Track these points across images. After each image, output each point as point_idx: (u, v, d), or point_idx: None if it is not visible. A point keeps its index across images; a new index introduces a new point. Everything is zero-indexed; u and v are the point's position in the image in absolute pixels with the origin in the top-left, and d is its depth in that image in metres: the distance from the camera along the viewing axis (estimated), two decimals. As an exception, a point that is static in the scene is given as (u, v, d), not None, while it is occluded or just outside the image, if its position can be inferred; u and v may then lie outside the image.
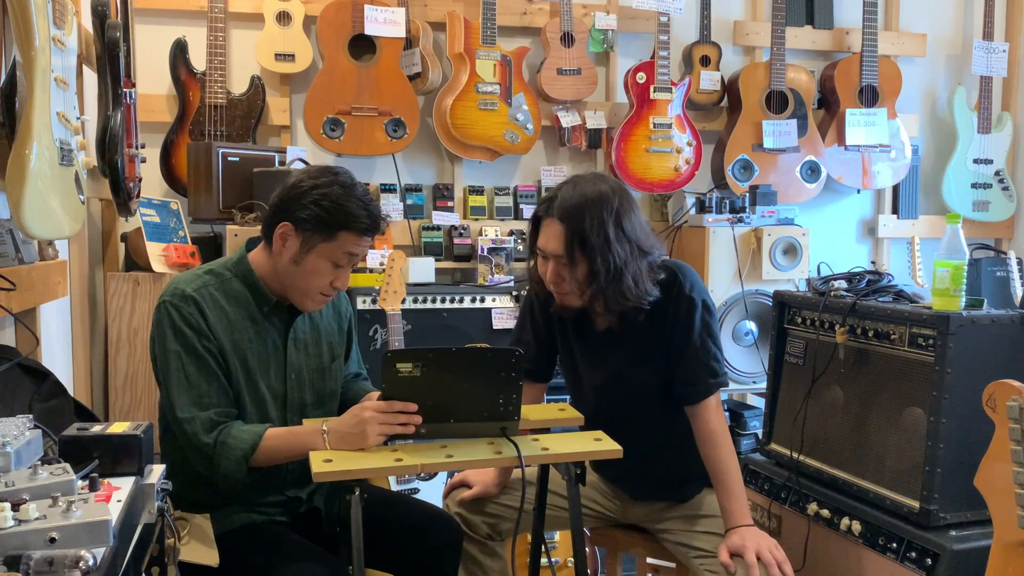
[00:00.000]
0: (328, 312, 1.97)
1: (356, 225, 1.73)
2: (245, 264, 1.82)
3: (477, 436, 1.73)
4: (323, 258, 1.74)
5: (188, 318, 1.70)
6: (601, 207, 1.77)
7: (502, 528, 2.08)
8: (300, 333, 1.87)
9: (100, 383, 2.82)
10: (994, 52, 3.76)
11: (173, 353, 1.70)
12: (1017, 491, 1.37)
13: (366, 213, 1.73)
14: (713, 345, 1.90)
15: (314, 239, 1.73)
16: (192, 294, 1.72)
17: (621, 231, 1.78)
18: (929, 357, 1.86)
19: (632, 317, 1.87)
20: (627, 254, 1.78)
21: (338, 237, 1.73)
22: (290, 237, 1.74)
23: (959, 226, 1.88)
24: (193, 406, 1.69)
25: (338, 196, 1.71)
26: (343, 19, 3.14)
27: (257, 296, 1.80)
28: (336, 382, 1.96)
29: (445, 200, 3.40)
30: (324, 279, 1.77)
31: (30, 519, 0.98)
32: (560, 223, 1.78)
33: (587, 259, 1.77)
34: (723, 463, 1.85)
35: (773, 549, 1.76)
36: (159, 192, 3.10)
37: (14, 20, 1.59)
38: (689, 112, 3.47)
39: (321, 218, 1.71)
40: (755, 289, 3.18)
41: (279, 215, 1.75)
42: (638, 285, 1.80)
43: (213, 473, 1.69)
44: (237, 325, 1.77)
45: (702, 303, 1.89)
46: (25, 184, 1.58)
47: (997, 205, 3.84)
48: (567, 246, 1.77)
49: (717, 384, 1.89)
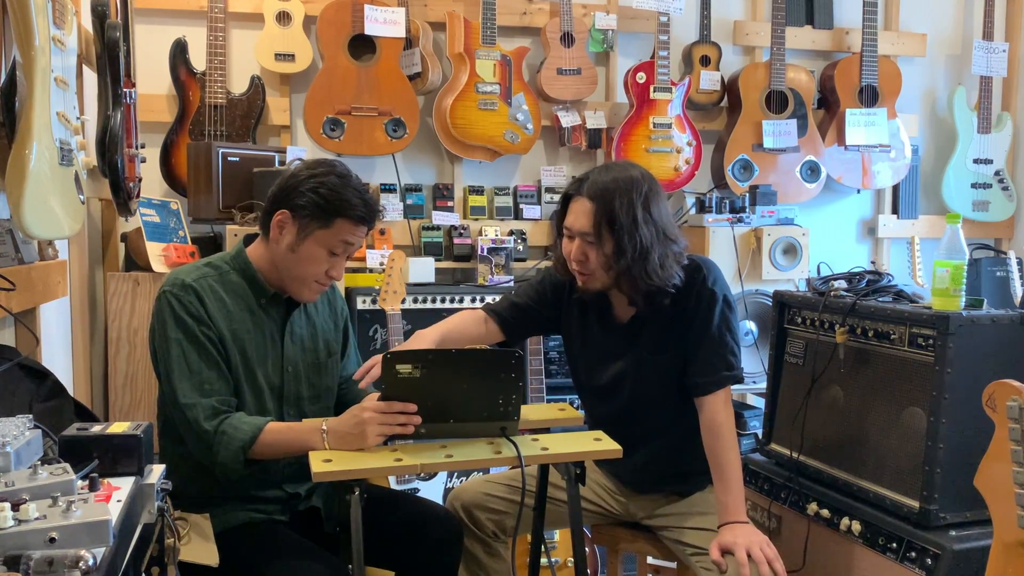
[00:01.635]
0: (324, 309, 1.98)
1: (352, 213, 1.76)
2: (243, 257, 1.84)
3: (477, 436, 1.74)
4: (319, 245, 1.77)
5: (188, 306, 1.73)
6: (631, 189, 1.81)
7: (507, 525, 2.08)
8: (296, 328, 1.89)
9: (100, 383, 2.82)
10: (994, 52, 3.76)
11: (174, 341, 1.72)
12: (1017, 491, 1.37)
13: (362, 202, 1.77)
14: (731, 340, 1.91)
15: (311, 226, 1.76)
16: (192, 283, 1.76)
17: (648, 214, 1.81)
18: (929, 357, 1.86)
19: (658, 301, 1.88)
20: (653, 236, 1.81)
21: (334, 224, 1.76)
22: (287, 224, 1.78)
23: (959, 226, 1.88)
24: (195, 392, 1.71)
25: (335, 185, 1.75)
26: (343, 19, 3.14)
27: (255, 288, 1.83)
28: (332, 378, 1.98)
29: (445, 200, 3.40)
30: (320, 267, 1.79)
31: (30, 519, 0.98)
32: (590, 201, 1.82)
33: (614, 238, 1.80)
34: (724, 455, 1.86)
35: (764, 546, 1.75)
36: (159, 192, 3.10)
37: (14, 20, 1.59)
38: (689, 112, 3.47)
39: (318, 205, 1.74)
40: (755, 289, 3.18)
41: (277, 203, 1.79)
42: (664, 268, 1.83)
43: (211, 461, 1.70)
44: (235, 316, 1.79)
45: (723, 298, 1.91)
46: (25, 184, 1.58)
47: (997, 205, 3.84)
48: (595, 224, 1.81)
49: (731, 378, 1.90)
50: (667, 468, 2.03)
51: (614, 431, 1.84)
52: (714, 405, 1.89)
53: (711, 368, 1.89)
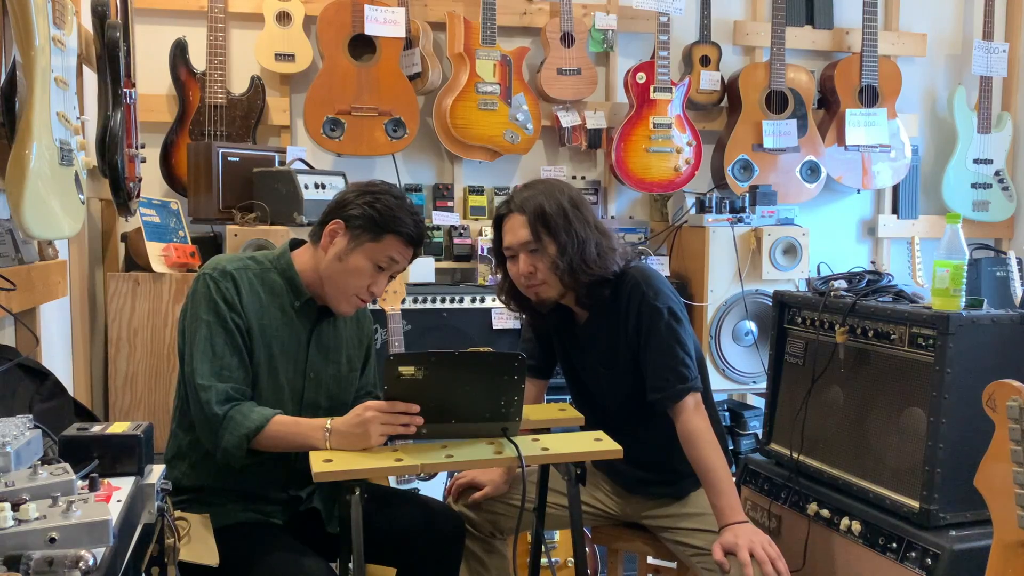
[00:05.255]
0: (352, 324, 2.01)
1: (403, 231, 1.82)
2: (286, 258, 1.89)
3: (478, 437, 1.74)
4: (367, 258, 1.82)
5: (224, 292, 1.78)
6: (555, 192, 1.93)
7: (504, 526, 2.09)
8: (323, 337, 1.92)
9: (100, 383, 2.82)
10: (994, 52, 3.76)
11: (203, 322, 1.76)
12: (1017, 491, 1.37)
13: (413, 223, 1.84)
14: (681, 351, 1.91)
15: (362, 238, 1.81)
16: (231, 271, 1.81)
17: (577, 210, 1.92)
18: (929, 357, 1.86)
19: (599, 293, 1.93)
20: (587, 229, 1.90)
21: (384, 239, 1.82)
22: (339, 234, 1.83)
23: (959, 226, 1.88)
24: (213, 376, 1.73)
25: (390, 203, 1.83)
26: (343, 19, 3.14)
27: (291, 290, 1.87)
28: (350, 394, 2.00)
29: (445, 200, 3.41)
30: (363, 280, 1.84)
31: (30, 519, 0.98)
32: (521, 214, 1.91)
33: (553, 237, 1.88)
34: (706, 461, 1.86)
35: (766, 545, 1.76)
36: (159, 192, 3.10)
37: (14, 20, 1.59)
38: (689, 112, 3.47)
39: (372, 219, 1.81)
40: (755, 289, 3.18)
41: (332, 213, 1.85)
42: (601, 256, 1.90)
43: (215, 445, 1.72)
44: (267, 312, 1.83)
45: (667, 310, 1.92)
46: (25, 184, 1.58)
47: (997, 205, 3.84)
48: (533, 231, 1.89)
49: (687, 389, 1.90)
50: (654, 474, 2.05)
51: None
52: (684, 415, 1.89)
53: (666, 383, 1.90)
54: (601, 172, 3.60)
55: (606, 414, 2.04)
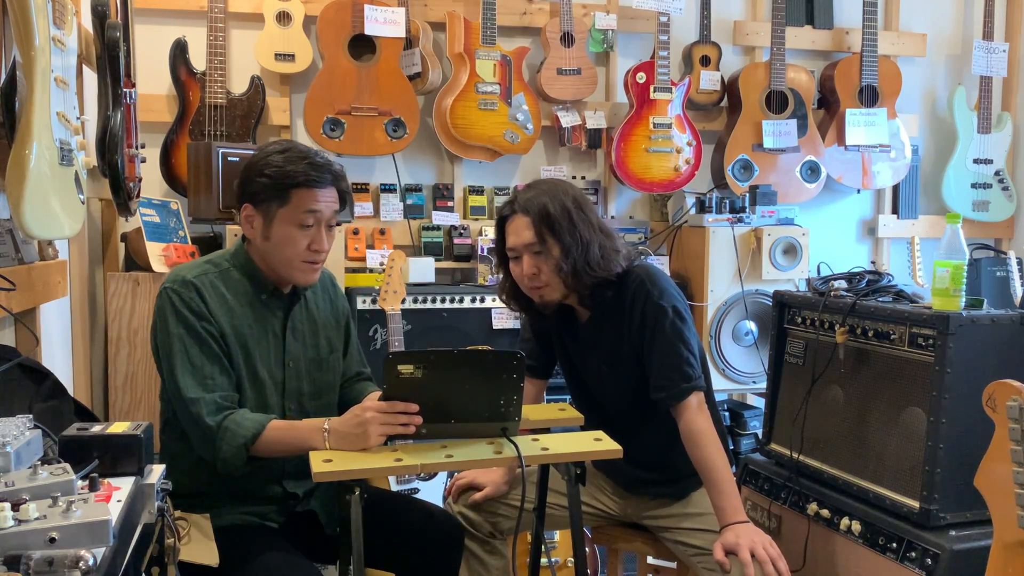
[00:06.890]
0: (326, 306, 1.99)
1: (301, 179, 1.76)
2: (243, 253, 1.86)
3: (478, 436, 1.74)
4: (287, 223, 1.78)
5: (189, 302, 1.75)
6: (559, 192, 1.92)
7: (503, 527, 2.09)
8: (298, 323, 1.91)
9: (100, 383, 2.82)
10: (994, 52, 3.76)
11: (176, 336, 1.74)
12: (1017, 491, 1.37)
13: (308, 165, 1.77)
14: (686, 350, 1.91)
15: (271, 208, 1.78)
16: (192, 280, 1.78)
17: (581, 211, 1.91)
18: (929, 357, 1.86)
19: (602, 294, 1.93)
20: (591, 230, 1.90)
21: (291, 197, 1.77)
22: (254, 216, 1.80)
23: (959, 226, 1.88)
24: (199, 387, 1.72)
25: (276, 160, 1.77)
26: (343, 19, 3.14)
27: (256, 284, 1.84)
28: (334, 375, 1.98)
29: (445, 200, 3.40)
30: (298, 245, 1.79)
31: (30, 519, 0.98)
32: (525, 215, 1.90)
33: (557, 239, 1.87)
34: (709, 460, 1.85)
35: (767, 545, 1.75)
36: (159, 192, 3.10)
37: (14, 20, 1.59)
38: (689, 112, 3.47)
39: (268, 186, 1.76)
40: (755, 289, 3.18)
41: (239, 201, 1.82)
42: (605, 258, 1.90)
43: (213, 457, 1.71)
44: (237, 311, 1.81)
45: (672, 309, 1.91)
46: (25, 184, 1.58)
47: (997, 205, 3.84)
48: (537, 232, 1.88)
49: (691, 388, 1.90)
50: (655, 474, 2.05)
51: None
52: (686, 414, 1.89)
53: (670, 381, 1.90)
54: (601, 172, 3.60)
55: (607, 413, 2.04)
